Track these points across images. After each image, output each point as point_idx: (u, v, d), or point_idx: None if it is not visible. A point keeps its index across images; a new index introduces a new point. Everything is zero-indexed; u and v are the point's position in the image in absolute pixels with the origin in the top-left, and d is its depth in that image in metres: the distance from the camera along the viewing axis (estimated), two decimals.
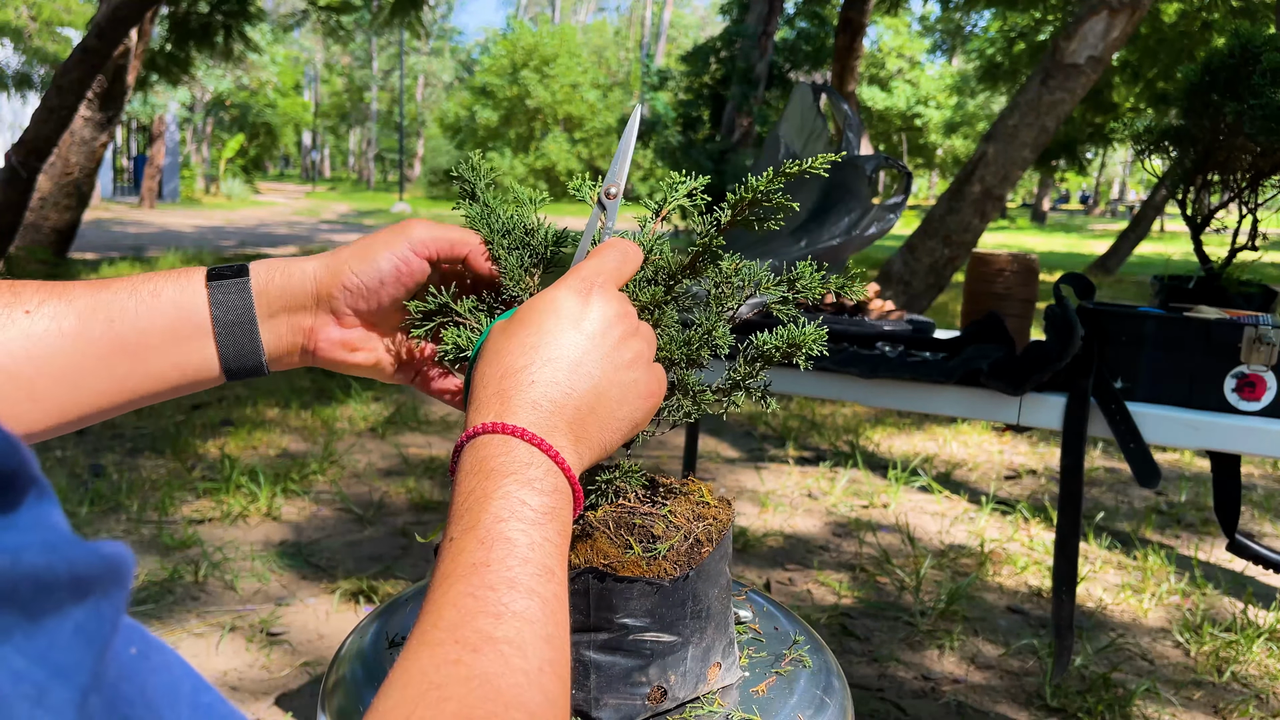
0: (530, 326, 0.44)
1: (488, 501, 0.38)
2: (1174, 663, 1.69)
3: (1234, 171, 1.35)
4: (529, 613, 0.35)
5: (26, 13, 9.17)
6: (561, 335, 0.43)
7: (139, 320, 0.46)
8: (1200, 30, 8.05)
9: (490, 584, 0.35)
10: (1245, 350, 1.16)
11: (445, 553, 0.37)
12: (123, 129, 20.12)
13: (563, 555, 0.39)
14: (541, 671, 0.34)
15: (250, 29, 6.64)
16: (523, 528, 0.37)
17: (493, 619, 0.34)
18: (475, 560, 0.36)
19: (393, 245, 0.50)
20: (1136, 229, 9.17)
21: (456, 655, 0.32)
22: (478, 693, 0.31)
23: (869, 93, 22.92)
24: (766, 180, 0.48)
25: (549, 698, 0.33)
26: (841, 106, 1.51)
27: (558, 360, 0.43)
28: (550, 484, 0.40)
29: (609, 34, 40.52)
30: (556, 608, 0.37)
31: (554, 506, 0.39)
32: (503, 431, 0.40)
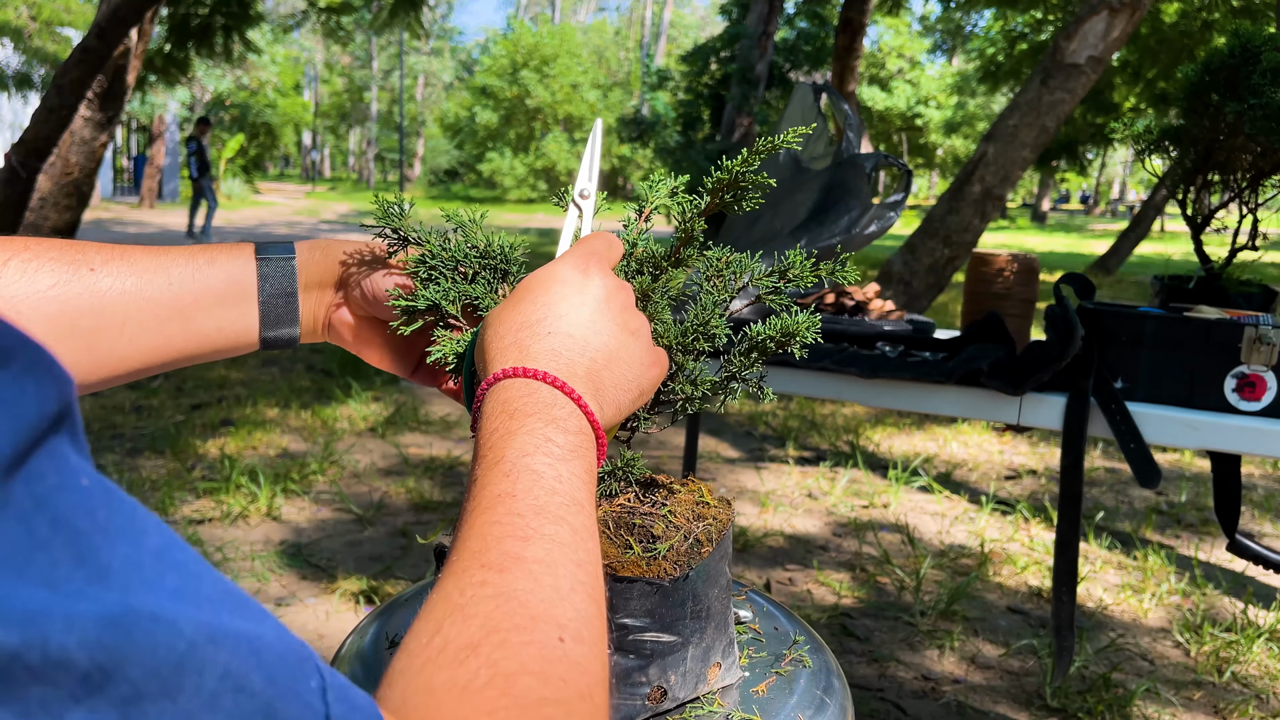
0: (536, 291, 0.44)
1: (511, 438, 0.37)
2: (1174, 663, 1.69)
3: (1234, 171, 1.35)
4: (558, 536, 0.34)
5: (26, 12, 9.17)
6: (570, 297, 0.44)
7: (194, 284, 0.49)
8: (1200, 30, 8.05)
9: (517, 511, 0.34)
10: (1245, 350, 1.16)
11: (470, 492, 0.37)
12: (123, 129, 20.12)
13: (591, 492, 0.38)
14: (574, 590, 0.32)
15: (250, 31, 6.65)
16: (549, 461, 0.37)
17: (520, 541, 0.33)
18: (500, 491, 0.35)
19: (397, 274, 0.53)
20: (1137, 229, 9.17)
21: (482, 577, 0.31)
22: (504, 608, 0.30)
23: (869, 93, 22.92)
24: (741, 161, 0.49)
25: (581, 615, 0.32)
26: (841, 106, 1.51)
27: (570, 316, 0.43)
28: (575, 425, 0.39)
29: (609, 34, 40.52)
30: (587, 536, 0.35)
31: (579, 446, 0.39)
32: (525, 375, 0.40)
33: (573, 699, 0.29)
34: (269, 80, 22.54)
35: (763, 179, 0.50)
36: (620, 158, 25.67)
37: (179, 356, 0.50)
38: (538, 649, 0.29)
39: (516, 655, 0.29)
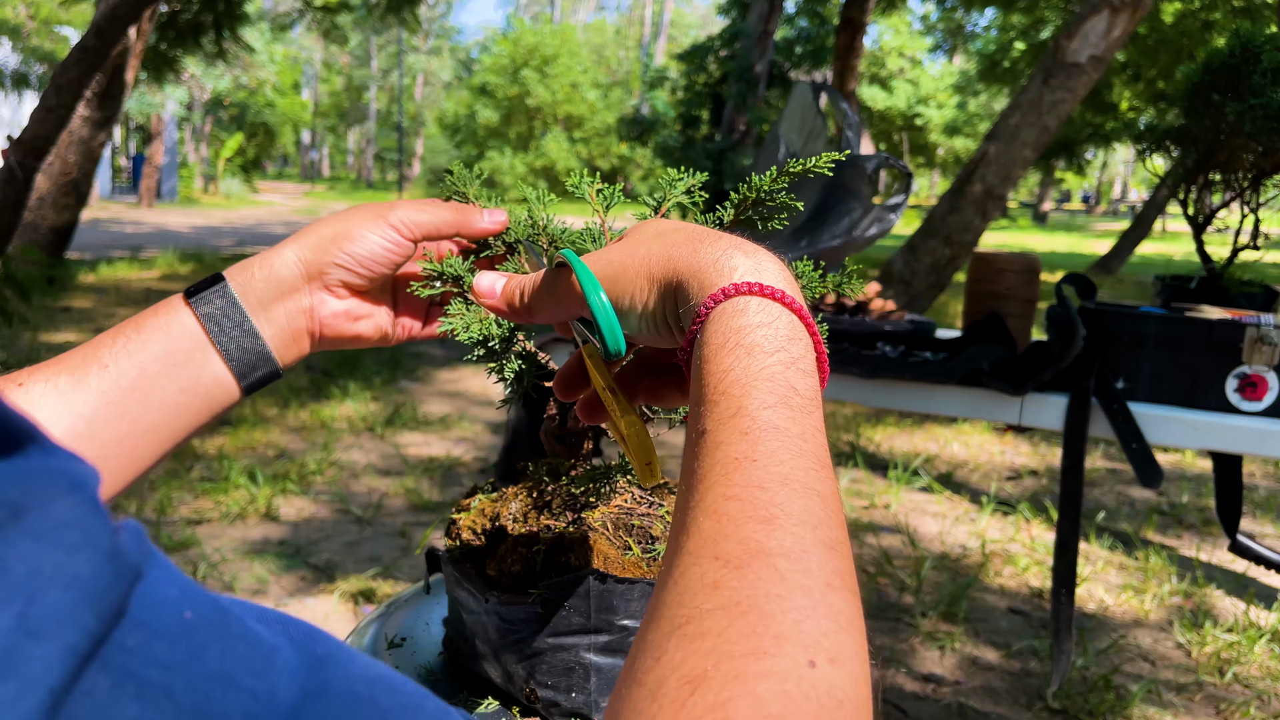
0: (654, 229, 0.39)
1: (753, 383, 0.31)
2: (1175, 664, 1.68)
3: (1235, 171, 1.34)
4: (809, 515, 0.28)
5: (24, 11, 9.16)
6: (681, 224, 0.39)
7: (131, 355, 0.45)
8: (1200, 30, 8.05)
9: (759, 482, 0.28)
10: (1247, 350, 1.15)
11: (698, 450, 0.30)
12: (121, 128, 20.11)
13: (826, 449, 0.32)
14: (830, 587, 0.26)
15: (242, 30, 6.64)
16: (792, 415, 0.30)
17: (764, 524, 0.27)
18: (738, 454, 0.29)
19: (378, 226, 0.50)
20: (1138, 229, 9.16)
21: (716, 575, 0.26)
22: (740, 624, 0.24)
23: (870, 92, 22.91)
24: (770, 179, 0.48)
25: (838, 621, 0.25)
26: (841, 105, 1.51)
27: (702, 230, 0.37)
28: (811, 363, 0.33)
29: (609, 33, 40.50)
30: (837, 509, 0.30)
31: (817, 392, 0.33)
32: (763, 294, 0.33)
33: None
34: (267, 79, 22.53)
35: (791, 200, 0.49)
36: (620, 157, 25.65)
37: (160, 438, 0.45)
38: (778, 681, 0.23)
39: (752, 693, 0.23)
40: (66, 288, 5.82)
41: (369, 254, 0.49)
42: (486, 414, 3.29)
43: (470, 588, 0.51)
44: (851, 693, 0.24)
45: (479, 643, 0.51)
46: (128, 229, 11.47)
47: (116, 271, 6.79)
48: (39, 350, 3.92)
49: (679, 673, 0.24)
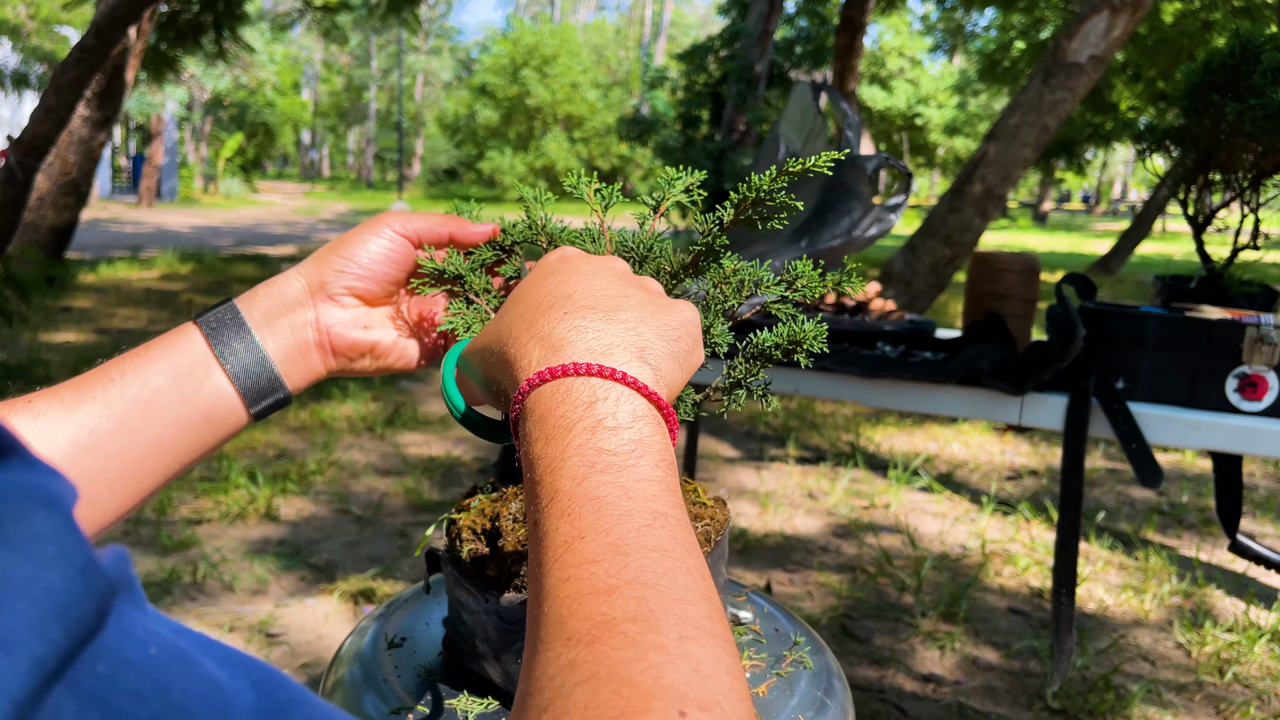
0: (540, 276, 0.40)
1: (561, 464, 0.32)
2: (1175, 663, 1.68)
3: (1235, 171, 1.34)
4: (646, 574, 0.28)
5: (24, 11, 9.16)
6: (577, 271, 0.40)
7: (137, 370, 0.45)
8: (1200, 30, 8.05)
9: (591, 557, 0.29)
10: (1247, 350, 1.15)
11: (531, 541, 0.32)
12: (121, 128, 20.11)
13: (670, 491, 0.32)
14: (684, 639, 0.26)
15: (242, 30, 6.64)
16: (608, 479, 0.31)
17: (604, 596, 0.27)
18: (566, 537, 0.30)
19: (377, 231, 0.51)
20: (1138, 229, 9.16)
21: (570, 656, 0.26)
22: (604, 692, 0.25)
23: (870, 92, 22.91)
24: (769, 179, 0.48)
25: (702, 669, 0.26)
26: (841, 105, 1.51)
27: (584, 288, 0.38)
28: (627, 414, 0.33)
29: (609, 33, 40.50)
30: (682, 554, 0.30)
31: (640, 438, 0.33)
32: (552, 377, 0.34)
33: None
34: (267, 79, 22.53)
35: (791, 200, 0.49)
36: (620, 157, 25.65)
37: (164, 456, 0.45)
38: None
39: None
40: (66, 288, 5.82)
41: (370, 257, 0.50)
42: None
43: (470, 588, 0.51)
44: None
45: (479, 643, 0.51)
46: (127, 229, 11.47)
47: (116, 271, 6.79)
48: (39, 350, 3.92)
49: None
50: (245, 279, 6.79)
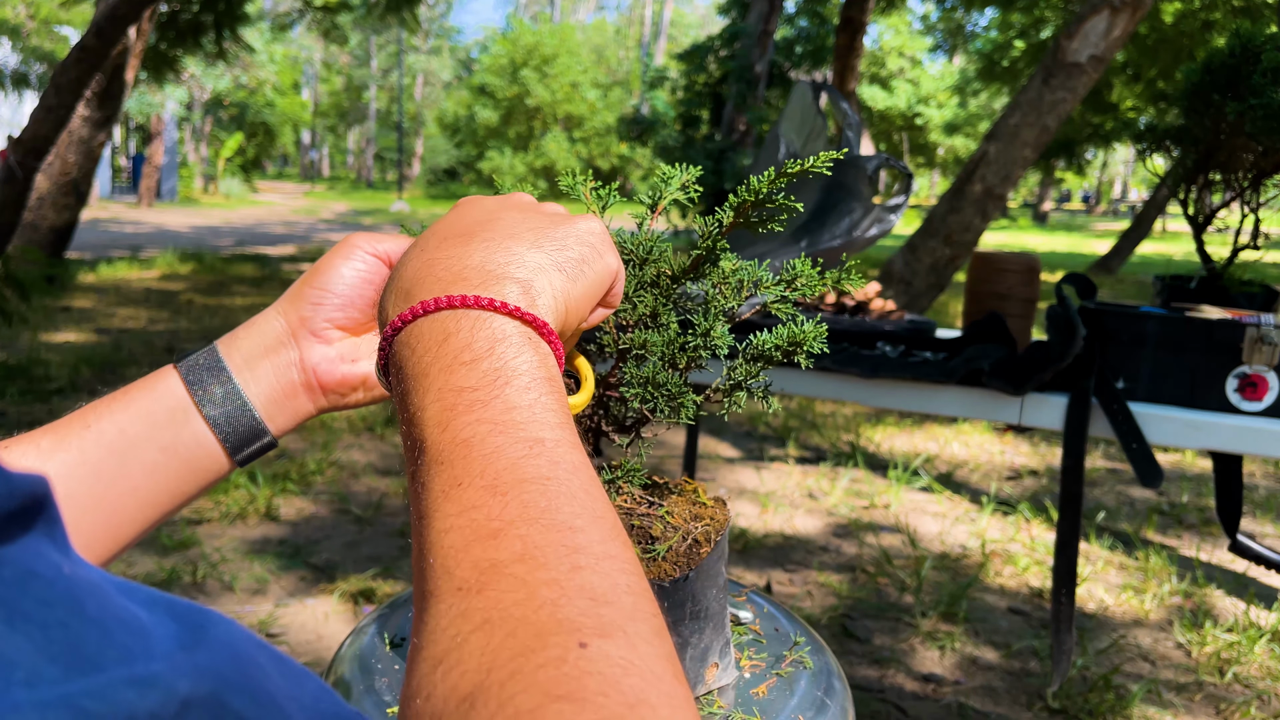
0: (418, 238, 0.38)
1: (422, 414, 0.30)
2: (1175, 664, 1.68)
3: (1235, 171, 1.34)
4: (528, 510, 0.27)
5: (24, 11, 9.17)
6: (460, 205, 0.39)
7: (114, 415, 0.43)
8: (1201, 30, 8.05)
9: (470, 503, 0.27)
10: (1247, 350, 1.15)
11: (410, 493, 0.30)
12: (121, 128, 20.11)
13: (548, 411, 0.30)
14: (576, 569, 0.25)
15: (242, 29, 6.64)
16: (473, 418, 0.29)
17: (490, 540, 0.26)
18: (442, 486, 0.28)
19: (347, 255, 0.49)
20: (1138, 229, 9.16)
21: (461, 606, 0.25)
22: (498, 634, 0.24)
23: (870, 92, 22.91)
24: (769, 180, 0.48)
25: (601, 596, 0.25)
26: (841, 105, 1.51)
27: (457, 215, 0.37)
28: (484, 342, 0.31)
29: (609, 33, 40.49)
30: (565, 478, 0.28)
31: (502, 365, 0.31)
32: (402, 324, 0.33)
33: (620, 711, 0.22)
34: (267, 79, 22.53)
35: (791, 202, 0.48)
36: (620, 157, 25.65)
37: (139, 505, 0.43)
38: (556, 667, 0.23)
39: (533, 684, 0.22)
40: (66, 288, 5.82)
41: (345, 284, 0.48)
42: None
43: None
44: (632, 656, 0.24)
45: None
46: (127, 229, 11.47)
47: (116, 271, 6.79)
48: (39, 350, 3.92)
49: (454, 697, 0.23)
50: (245, 279, 6.79)
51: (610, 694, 0.22)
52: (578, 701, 0.22)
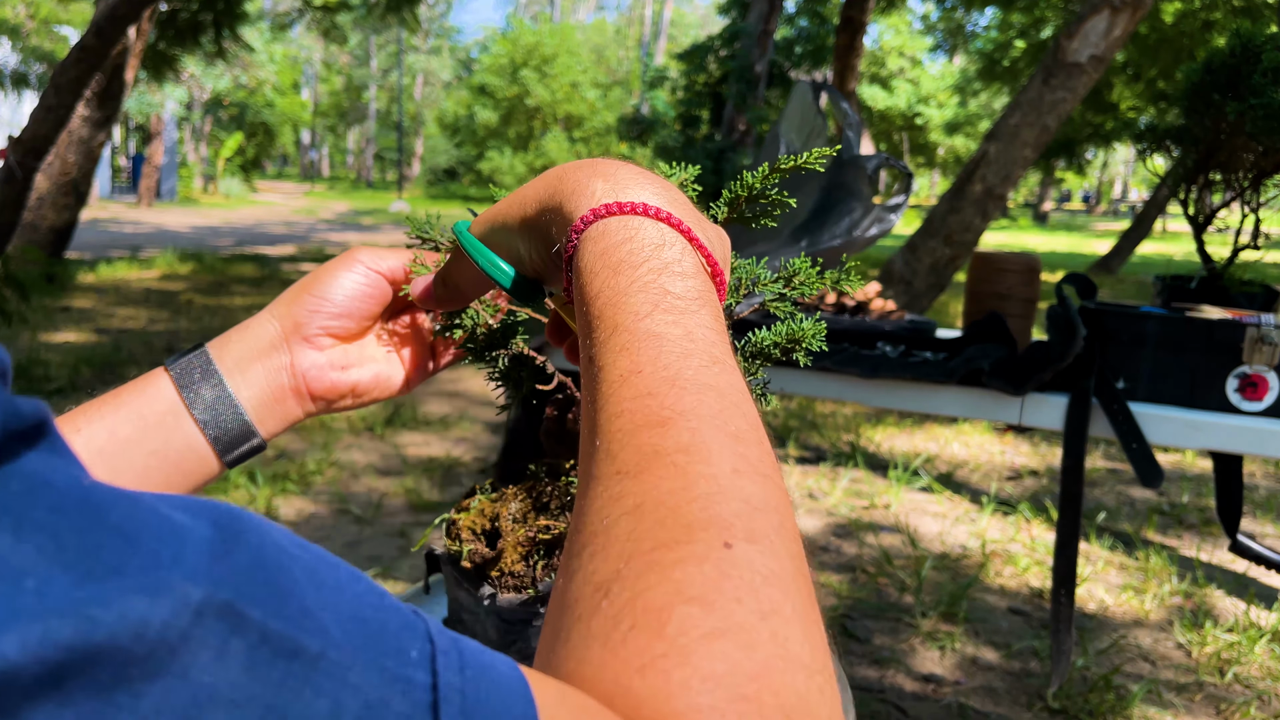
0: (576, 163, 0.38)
1: (623, 298, 0.30)
2: (1176, 664, 1.68)
3: (1236, 171, 1.34)
4: (703, 408, 0.27)
5: (24, 10, 9.17)
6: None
7: (104, 418, 0.43)
8: (1201, 29, 8.05)
9: (647, 390, 0.27)
10: (1247, 350, 1.15)
11: (587, 379, 0.30)
12: (120, 128, 20.11)
13: (727, 344, 0.31)
14: (736, 473, 0.25)
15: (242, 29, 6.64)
16: (672, 319, 0.30)
17: (657, 428, 0.26)
18: (622, 371, 0.28)
19: (349, 268, 0.49)
20: (1138, 229, 9.16)
21: (619, 489, 0.25)
22: (646, 522, 0.24)
23: (870, 92, 22.91)
24: (763, 175, 0.48)
25: (752, 503, 0.25)
26: (841, 105, 1.51)
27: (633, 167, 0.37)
28: (691, 264, 0.32)
29: (609, 32, 40.50)
30: (740, 398, 0.28)
31: (701, 290, 0.31)
32: (620, 212, 0.32)
33: (752, 620, 0.22)
34: (267, 79, 22.52)
35: (784, 196, 0.48)
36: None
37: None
38: (696, 565, 0.22)
39: (666, 580, 0.22)
40: (66, 288, 5.82)
41: (345, 294, 0.48)
42: (486, 414, 3.29)
43: (470, 588, 0.51)
44: (775, 567, 0.23)
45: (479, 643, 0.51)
46: (127, 229, 11.46)
47: (116, 271, 6.79)
48: (38, 350, 3.92)
49: (591, 583, 0.23)
50: (245, 279, 6.79)
51: (745, 600, 0.22)
52: (707, 605, 0.21)
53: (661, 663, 0.21)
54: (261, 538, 0.19)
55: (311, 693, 0.17)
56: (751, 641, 0.21)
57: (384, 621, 0.20)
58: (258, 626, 0.17)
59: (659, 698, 0.20)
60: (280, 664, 0.17)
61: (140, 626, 0.16)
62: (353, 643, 0.19)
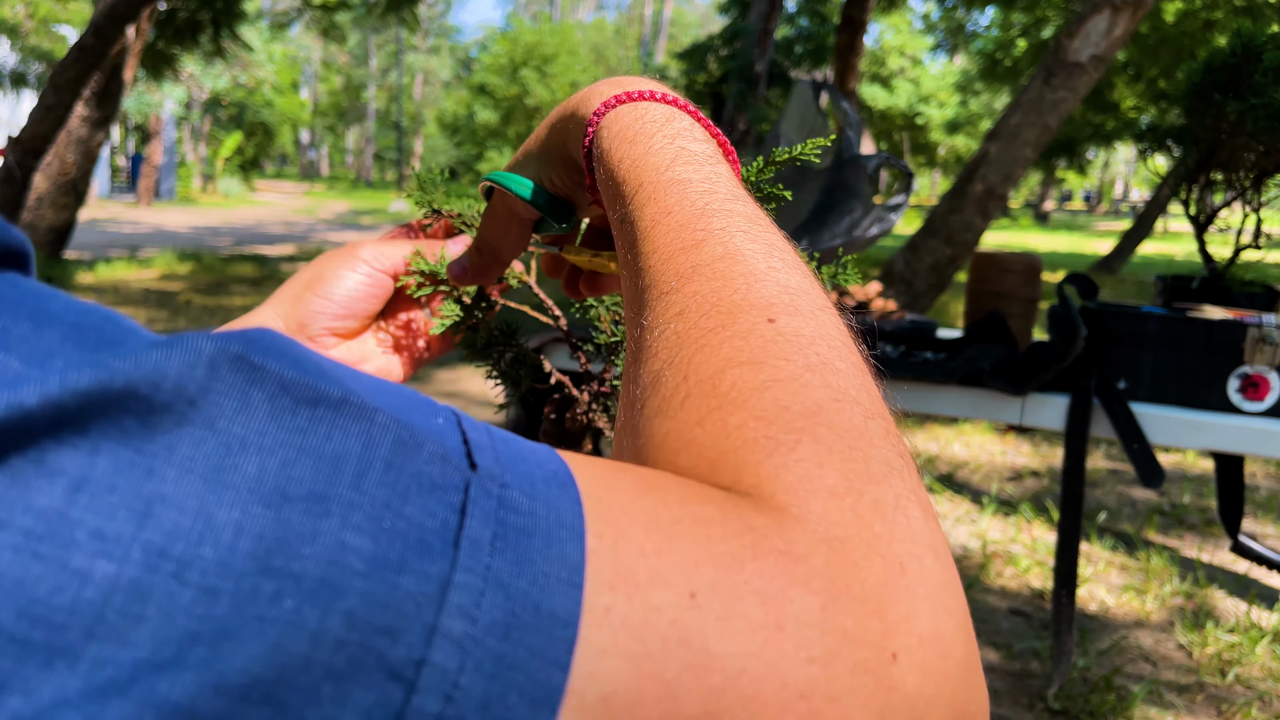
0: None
1: (644, 159, 0.32)
2: (1177, 664, 1.68)
3: (1237, 170, 1.34)
4: (733, 225, 0.28)
5: (23, 10, 9.16)
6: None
7: None
8: (1202, 29, 8.05)
9: (679, 224, 0.29)
10: (1249, 350, 1.15)
11: (618, 237, 0.31)
12: (119, 127, 20.12)
13: (745, 193, 0.32)
14: (771, 269, 0.26)
15: (240, 28, 6.64)
16: (692, 168, 0.31)
17: (691, 249, 0.27)
18: (651, 217, 0.29)
19: (352, 266, 0.48)
20: (1140, 228, 9.16)
21: (663, 306, 0.26)
22: (691, 316, 0.25)
23: (871, 91, 22.90)
24: (757, 170, 0.47)
25: (790, 285, 0.26)
26: (841, 104, 1.50)
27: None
28: (701, 133, 0.34)
29: (609, 32, 40.50)
30: (765, 222, 0.30)
31: (715, 153, 0.33)
32: (629, 100, 0.34)
33: (800, 371, 0.23)
34: (266, 79, 22.51)
35: (780, 190, 0.48)
36: None
37: None
38: (743, 339, 0.24)
39: (717, 354, 0.23)
40: (65, 288, 5.81)
41: (348, 294, 0.48)
42: (485, 414, 3.29)
43: None
44: (824, 331, 0.25)
45: None
46: (126, 229, 11.46)
47: (115, 271, 6.78)
48: None
49: (646, 377, 0.25)
50: (244, 279, 6.78)
51: (793, 358, 0.23)
52: (757, 365, 0.23)
53: (718, 413, 0.22)
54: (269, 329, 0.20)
55: (340, 434, 0.17)
56: (802, 388, 0.22)
57: (405, 392, 0.20)
58: (275, 376, 0.17)
59: (718, 439, 0.21)
60: (304, 410, 0.17)
61: (156, 375, 0.16)
62: (374, 396, 0.19)
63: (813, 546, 0.19)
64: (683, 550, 0.18)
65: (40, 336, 0.16)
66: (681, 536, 0.18)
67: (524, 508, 0.18)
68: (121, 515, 0.15)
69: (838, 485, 0.20)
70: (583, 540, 0.18)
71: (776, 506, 0.19)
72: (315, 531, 0.16)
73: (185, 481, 0.15)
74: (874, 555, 0.19)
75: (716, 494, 0.20)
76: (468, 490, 0.18)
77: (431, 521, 0.17)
